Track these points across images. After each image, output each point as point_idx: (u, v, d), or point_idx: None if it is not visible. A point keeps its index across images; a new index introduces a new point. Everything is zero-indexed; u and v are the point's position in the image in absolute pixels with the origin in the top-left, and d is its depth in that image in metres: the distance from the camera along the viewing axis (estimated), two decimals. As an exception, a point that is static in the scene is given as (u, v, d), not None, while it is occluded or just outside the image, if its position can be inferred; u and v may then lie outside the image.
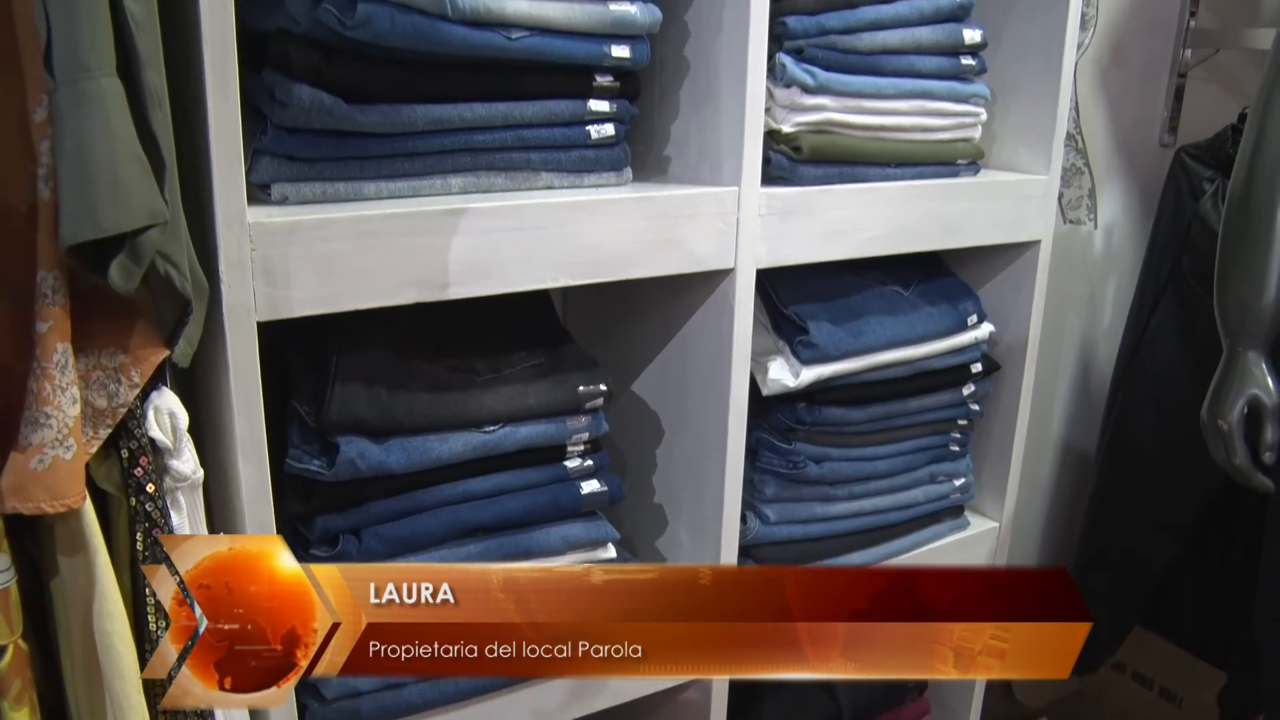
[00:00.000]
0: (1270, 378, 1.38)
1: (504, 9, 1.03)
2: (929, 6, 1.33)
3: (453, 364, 1.16)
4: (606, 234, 1.10)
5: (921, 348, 1.42)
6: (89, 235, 0.75)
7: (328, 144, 1.02)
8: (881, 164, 1.32)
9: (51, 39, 0.73)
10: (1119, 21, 2.16)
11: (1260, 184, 1.35)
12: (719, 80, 1.18)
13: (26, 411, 0.81)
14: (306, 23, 1.00)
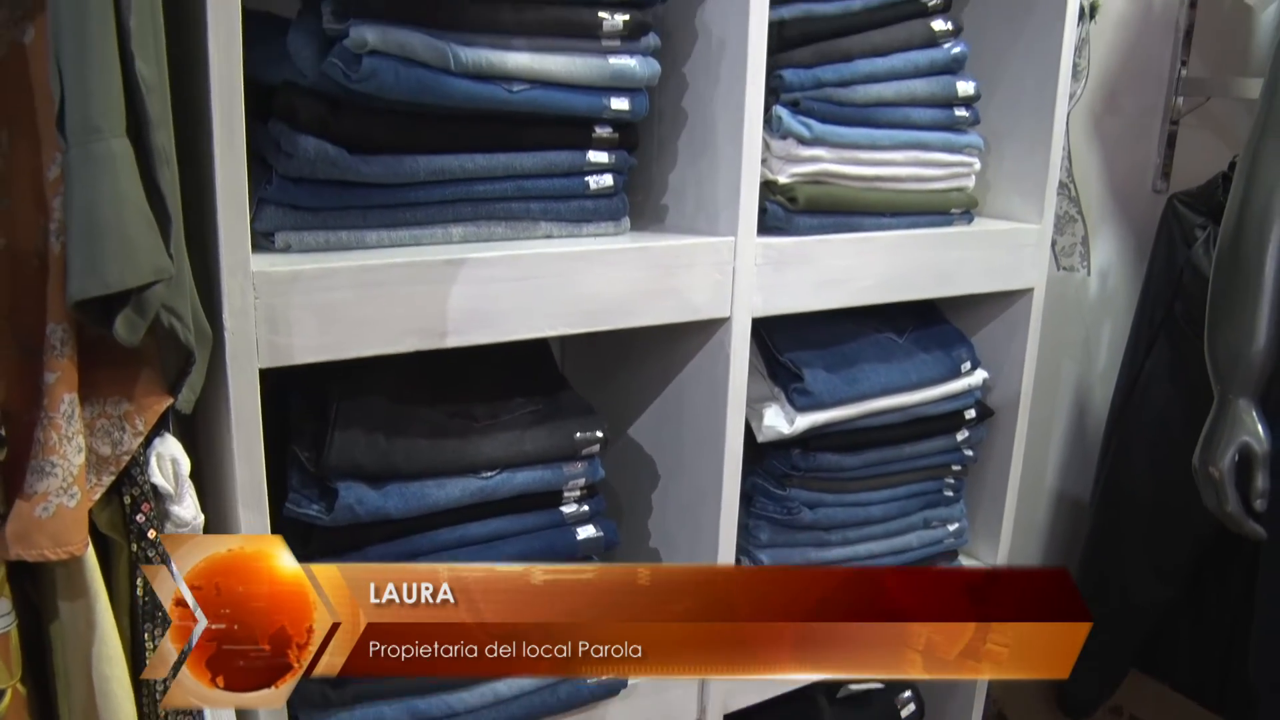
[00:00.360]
0: (1261, 425, 1.39)
1: (506, 63, 1.06)
2: (923, 60, 1.35)
3: (451, 410, 1.18)
4: (604, 283, 1.12)
5: (916, 394, 1.43)
6: (96, 291, 0.77)
7: (331, 193, 1.04)
8: (876, 214, 1.34)
9: (65, 102, 0.75)
10: (1111, 71, 2.19)
11: (1249, 233, 1.37)
12: (716, 132, 1.20)
13: (33, 460, 0.82)
14: (313, 75, 1.02)
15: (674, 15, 1.22)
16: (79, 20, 0.75)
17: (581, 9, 1.09)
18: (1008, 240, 1.49)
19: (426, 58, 1.02)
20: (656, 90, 1.19)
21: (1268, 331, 1.37)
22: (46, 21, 0.78)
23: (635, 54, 1.13)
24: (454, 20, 1.03)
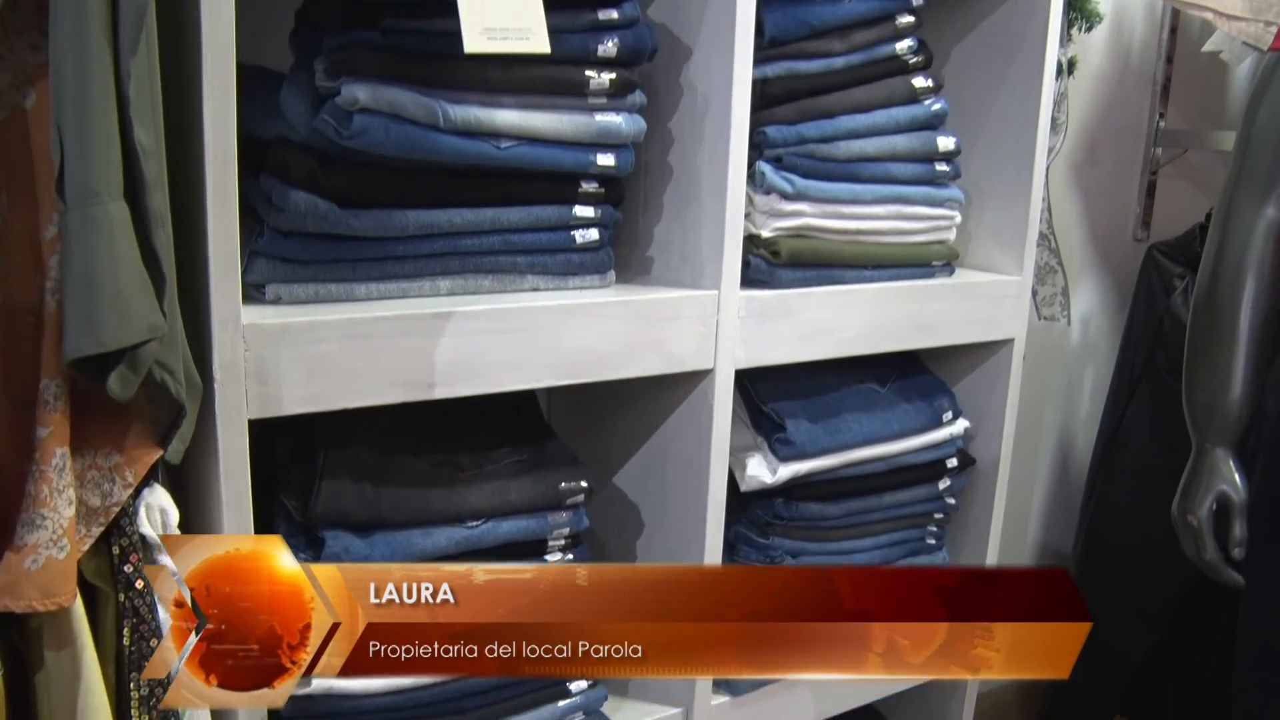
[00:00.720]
0: (1238, 474, 1.40)
1: (494, 120, 1.08)
2: (904, 116, 1.38)
3: (437, 459, 1.19)
4: (590, 336, 1.14)
5: (897, 444, 1.45)
6: (91, 350, 0.79)
7: (321, 247, 1.06)
8: (858, 266, 1.36)
9: (65, 166, 0.77)
10: (1092, 123, 2.23)
11: (1224, 284, 1.39)
12: (701, 186, 1.22)
13: (23, 513, 0.84)
14: (305, 131, 1.04)
15: (660, 72, 1.24)
16: (81, 90, 0.77)
17: (569, 68, 1.11)
18: (988, 292, 1.52)
19: (416, 115, 1.04)
20: (642, 145, 1.21)
21: (1243, 381, 1.38)
22: (48, 87, 0.80)
23: (621, 111, 1.15)
24: (444, 79, 1.06)
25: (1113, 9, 2.18)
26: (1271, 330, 1.37)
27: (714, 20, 1.19)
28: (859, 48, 1.33)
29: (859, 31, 1.33)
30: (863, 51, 1.34)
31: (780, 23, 1.25)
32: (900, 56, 1.38)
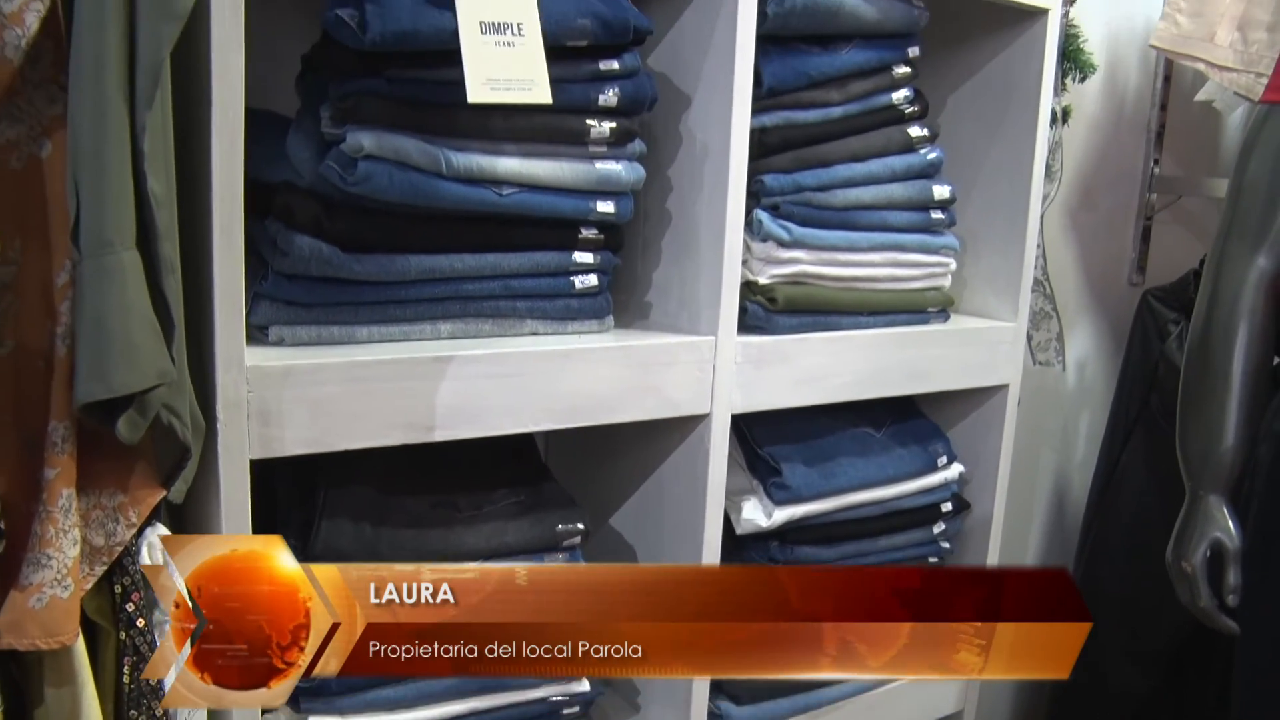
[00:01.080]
0: (1232, 521, 1.41)
1: (496, 167, 1.10)
2: (900, 165, 1.40)
3: (435, 500, 1.20)
4: (588, 380, 1.15)
5: (892, 488, 1.46)
6: (102, 395, 0.80)
7: (324, 290, 1.08)
8: (854, 313, 1.38)
9: (80, 216, 0.79)
10: (1087, 170, 2.26)
11: (1216, 334, 1.40)
12: (699, 233, 1.24)
13: (29, 552, 0.85)
14: (310, 177, 1.06)
15: (660, 121, 1.27)
16: (98, 143, 0.79)
17: (570, 117, 1.13)
18: (983, 338, 1.53)
19: (420, 162, 1.06)
20: (642, 192, 1.23)
21: (1237, 429, 1.40)
22: (64, 138, 0.82)
23: (621, 159, 1.17)
24: (447, 127, 1.08)
25: (1107, 58, 2.21)
26: (1264, 378, 1.39)
27: (713, 70, 1.21)
28: (856, 98, 1.36)
29: (856, 82, 1.36)
30: (860, 101, 1.36)
31: (778, 73, 1.27)
32: (896, 106, 1.40)
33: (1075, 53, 1.85)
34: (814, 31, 1.31)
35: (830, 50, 1.33)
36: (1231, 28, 1.94)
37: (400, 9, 1.02)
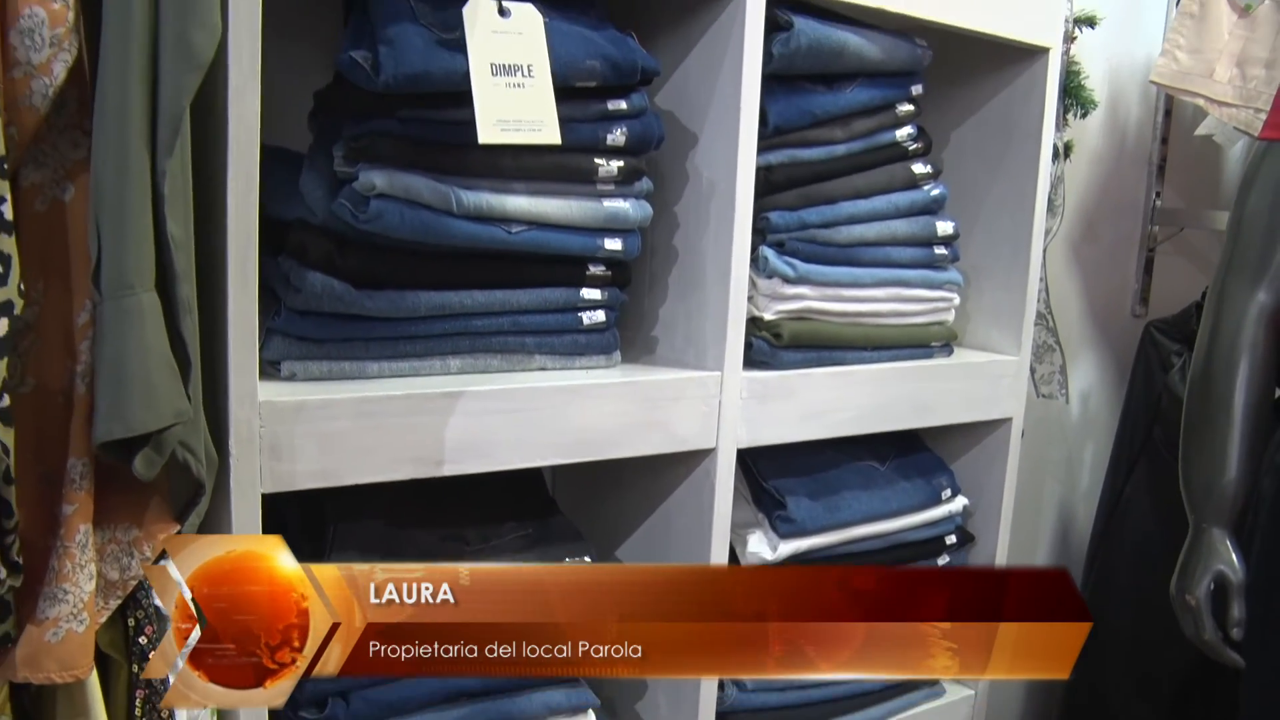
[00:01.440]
0: (1235, 555, 1.41)
1: (505, 206, 1.11)
2: (904, 201, 1.42)
3: (444, 533, 1.21)
4: (595, 416, 1.16)
5: (896, 521, 1.47)
6: (120, 434, 0.82)
7: (336, 326, 1.09)
8: (858, 348, 1.39)
9: (101, 259, 0.81)
10: (1089, 203, 2.27)
11: (1218, 368, 1.41)
12: (705, 270, 1.26)
13: (46, 586, 0.86)
14: (322, 215, 1.08)
15: (667, 158, 1.28)
16: (120, 188, 0.81)
17: (578, 156, 1.15)
18: (986, 372, 1.55)
19: (430, 200, 1.07)
20: (649, 229, 1.25)
21: (1239, 462, 1.40)
22: (87, 182, 0.84)
23: (629, 197, 1.19)
24: (457, 166, 1.09)
25: (1109, 92, 2.23)
26: (1265, 412, 1.40)
27: (719, 109, 1.23)
28: (860, 135, 1.38)
29: (860, 120, 1.37)
30: (864, 139, 1.38)
31: (784, 112, 1.29)
32: (900, 143, 1.42)
33: (1076, 89, 1.88)
34: (819, 71, 1.33)
35: (835, 89, 1.35)
36: (1230, 64, 1.96)
37: (413, 51, 1.03)
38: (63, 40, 0.81)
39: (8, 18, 0.79)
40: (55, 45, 0.80)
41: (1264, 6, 1.94)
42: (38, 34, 0.79)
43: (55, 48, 0.80)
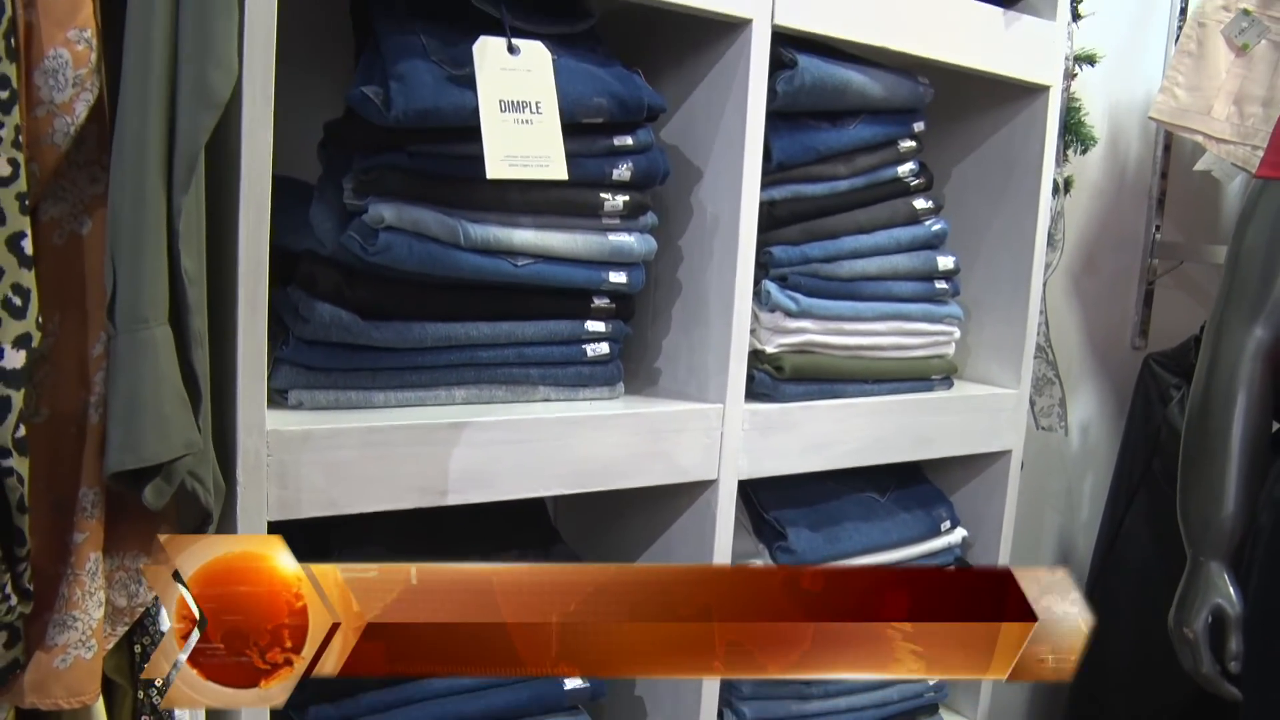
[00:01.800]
0: (1233, 588, 1.42)
1: (512, 239, 1.13)
2: (905, 236, 1.44)
3: (446, 561, 1.21)
4: (598, 447, 1.18)
5: (896, 553, 1.48)
6: (132, 465, 0.84)
7: (344, 356, 1.10)
8: (859, 381, 1.41)
9: (116, 292, 0.83)
10: (1090, 236, 2.29)
11: (1215, 402, 1.42)
12: (708, 303, 1.27)
13: (56, 614, 0.87)
14: (331, 246, 1.10)
15: (672, 193, 1.30)
16: (137, 224, 0.83)
17: (584, 190, 1.17)
18: (986, 405, 1.56)
19: (438, 233, 1.09)
20: (653, 261, 1.26)
21: (1236, 496, 1.41)
22: (103, 216, 0.86)
23: (634, 231, 1.20)
24: (465, 199, 1.11)
25: (1109, 127, 2.25)
26: (1263, 446, 1.41)
27: (724, 145, 1.25)
28: (862, 171, 1.39)
29: (863, 156, 1.39)
30: (866, 175, 1.40)
31: (787, 148, 1.31)
32: (902, 179, 1.44)
33: (1076, 125, 1.90)
34: (822, 108, 1.35)
35: (838, 125, 1.36)
36: (1228, 101, 1.98)
37: (423, 87, 1.05)
38: (85, 80, 0.83)
39: (32, 58, 0.81)
40: (78, 85, 0.82)
41: (1260, 46, 1.97)
42: (61, 74, 0.81)
43: (78, 87, 0.82)
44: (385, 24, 1.11)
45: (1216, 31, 2.00)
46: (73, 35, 0.82)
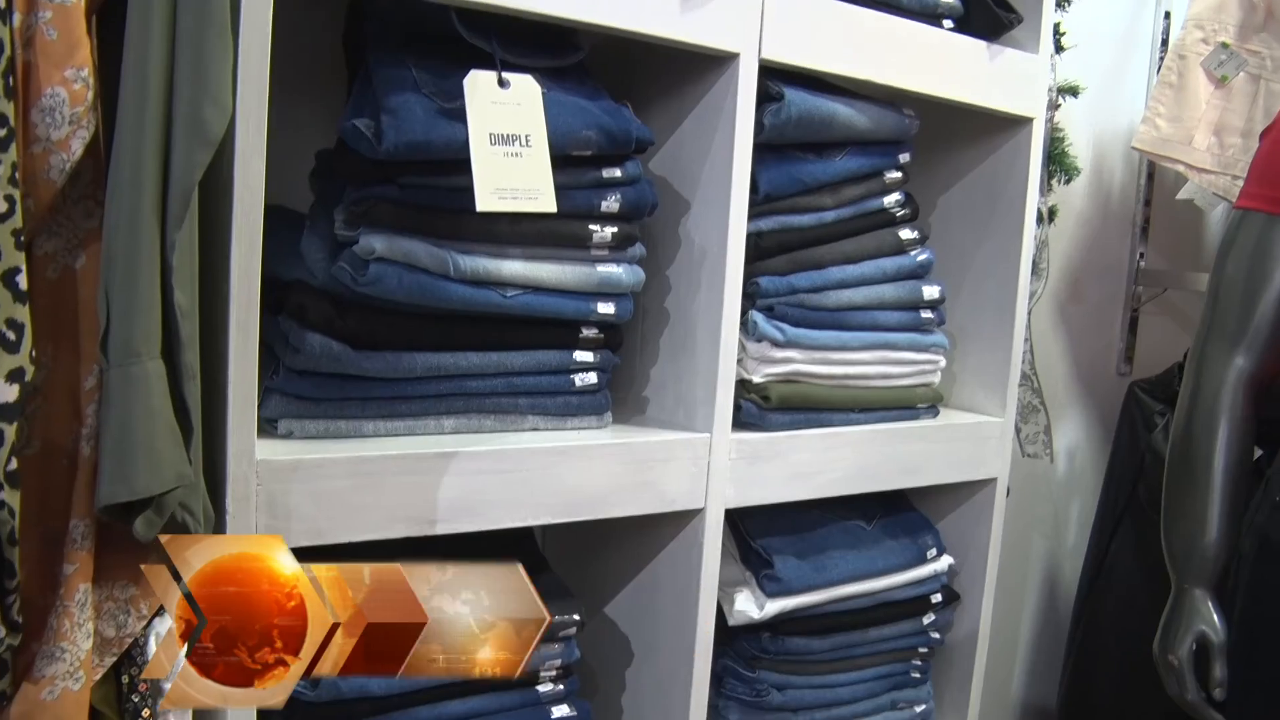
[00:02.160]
0: (1217, 615, 1.42)
1: (501, 270, 1.14)
2: (891, 266, 1.45)
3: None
4: (586, 476, 1.18)
5: (882, 580, 1.49)
6: (124, 498, 0.84)
7: (333, 385, 1.11)
8: (846, 410, 1.42)
9: (110, 327, 0.84)
10: (1075, 263, 2.31)
11: (1198, 431, 1.43)
12: (696, 333, 1.28)
13: (44, 645, 0.88)
14: (322, 277, 1.10)
15: (660, 224, 1.31)
16: (131, 260, 0.84)
17: (573, 222, 1.18)
18: (972, 433, 1.57)
19: (428, 265, 1.10)
20: (641, 292, 1.27)
21: (1219, 524, 1.42)
22: (97, 251, 0.87)
23: (622, 263, 1.21)
24: (455, 231, 1.12)
25: (1092, 157, 2.28)
26: (1245, 474, 1.42)
27: (712, 177, 1.26)
28: (849, 202, 1.41)
29: (849, 187, 1.41)
30: (852, 206, 1.41)
31: (774, 180, 1.32)
32: (888, 210, 1.45)
33: (1060, 156, 1.92)
34: (809, 140, 1.36)
35: (824, 157, 1.38)
36: (1209, 132, 2.01)
37: (414, 120, 1.06)
38: (81, 118, 0.84)
39: (30, 96, 0.82)
40: (74, 123, 0.83)
41: (1239, 78, 2.00)
42: (58, 112, 0.82)
43: (74, 125, 0.83)
44: (378, 56, 1.13)
45: (1196, 64, 2.03)
46: (70, 74, 0.83)
